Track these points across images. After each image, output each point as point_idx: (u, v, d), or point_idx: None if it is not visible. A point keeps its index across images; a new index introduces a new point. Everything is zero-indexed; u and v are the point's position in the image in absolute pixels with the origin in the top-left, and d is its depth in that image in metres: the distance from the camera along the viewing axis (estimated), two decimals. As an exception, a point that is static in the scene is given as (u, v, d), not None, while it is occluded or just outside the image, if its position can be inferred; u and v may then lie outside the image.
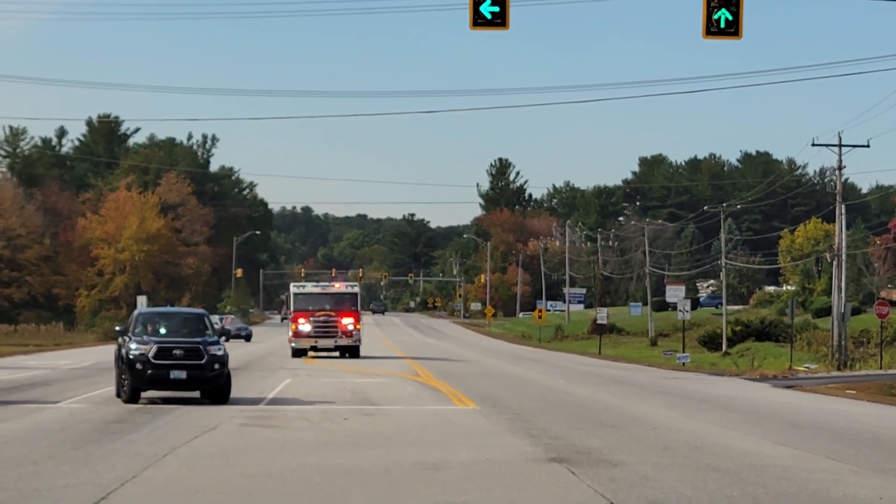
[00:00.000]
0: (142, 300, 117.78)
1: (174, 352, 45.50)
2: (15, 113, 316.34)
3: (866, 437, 38.36)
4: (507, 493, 24.42)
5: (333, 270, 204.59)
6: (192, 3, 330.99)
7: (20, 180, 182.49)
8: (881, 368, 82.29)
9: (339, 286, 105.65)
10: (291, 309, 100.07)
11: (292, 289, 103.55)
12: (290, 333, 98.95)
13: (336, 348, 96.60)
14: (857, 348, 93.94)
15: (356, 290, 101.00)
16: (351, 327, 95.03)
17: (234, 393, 48.68)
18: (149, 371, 45.16)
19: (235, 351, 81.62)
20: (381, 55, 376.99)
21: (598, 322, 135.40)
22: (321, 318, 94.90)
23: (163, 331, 47.94)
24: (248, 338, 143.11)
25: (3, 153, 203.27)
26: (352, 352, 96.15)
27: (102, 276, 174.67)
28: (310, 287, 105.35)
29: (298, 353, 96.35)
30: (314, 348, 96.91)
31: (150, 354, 45.21)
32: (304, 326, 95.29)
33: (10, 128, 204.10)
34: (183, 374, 45.22)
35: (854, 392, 61.86)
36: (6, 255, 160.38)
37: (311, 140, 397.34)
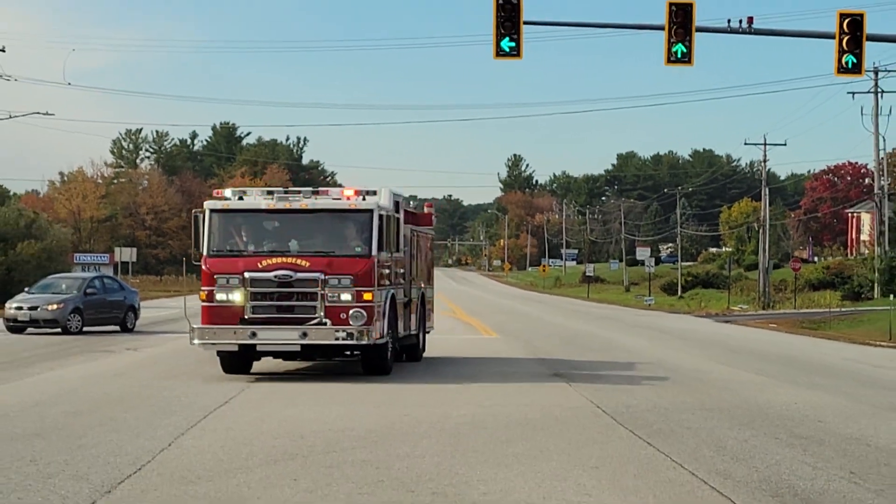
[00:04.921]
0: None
1: None
2: (161, 121, 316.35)
3: (784, 358, 38.25)
4: (522, 398, 24.38)
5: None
6: (278, 43, 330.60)
7: (164, 170, 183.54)
8: (795, 308, 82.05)
9: (322, 197, 28.24)
10: (204, 252, 27.79)
11: (210, 206, 27.96)
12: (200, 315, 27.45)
13: (305, 349, 27.17)
14: (777, 293, 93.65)
15: (373, 206, 27.37)
16: (349, 299, 26.50)
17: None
18: None
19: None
20: (429, 79, 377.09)
21: (587, 274, 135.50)
22: (272, 279, 26.70)
23: None
24: None
25: (151, 150, 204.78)
26: (367, 358, 28.09)
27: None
28: (253, 199, 28.51)
29: (228, 363, 28.18)
30: (250, 350, 27.34)
31: None
32: (230, 295, 27.04)
33: (157, 132, 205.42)
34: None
35: (775, 325, 61.70)
36: (154, 225, 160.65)
37: (378, 139, 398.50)
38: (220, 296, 26.99)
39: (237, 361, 28.14)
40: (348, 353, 27.85)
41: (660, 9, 34.67)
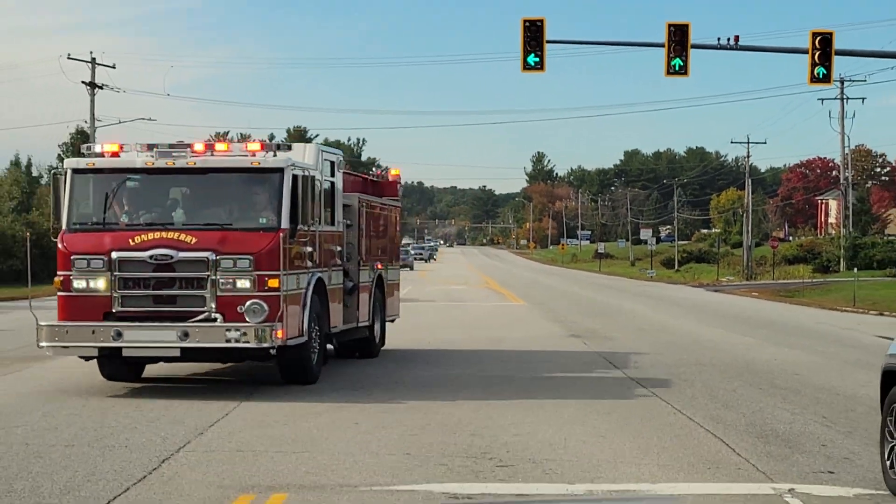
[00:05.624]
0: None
1: None
2: (244, 125, 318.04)
3: (765, 322, 37.99)
4: (546, 355, 24.32)
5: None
6: (342, 59, 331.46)
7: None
8: (773, 279, 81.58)
9: (219, 153, 18.47)
10: (63, 225, 18.02)
11: (71, 165, 18.30)
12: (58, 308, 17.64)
13: (187, 353, 17.28)
14: (758, 267, 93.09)
15: (283, 164, 17.78)
16: (247, 287, 17.12)
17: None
18: None
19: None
20: (468, 89, 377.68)
21: (598, 251, 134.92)
22: (146, 260, 17.27)
23: None
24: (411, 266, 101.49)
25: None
26: (283, 363, 18.19)
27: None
28: (130, 156, 18.43)
29: (107, 367, 18.63)
30: (112, 356, 17.79)
31: None
32: (92, 282, 17.38)
33: (241, 134, 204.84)
34: None
35: (756, 294, 61.31)
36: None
37: (425, 139, 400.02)
38: (78, 283, 17.29)
39: (119, 364, 18.52)
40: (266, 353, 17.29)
41: (660, 28, 34.45)
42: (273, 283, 17.01)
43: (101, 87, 67.11)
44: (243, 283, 16.98)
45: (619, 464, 12.36)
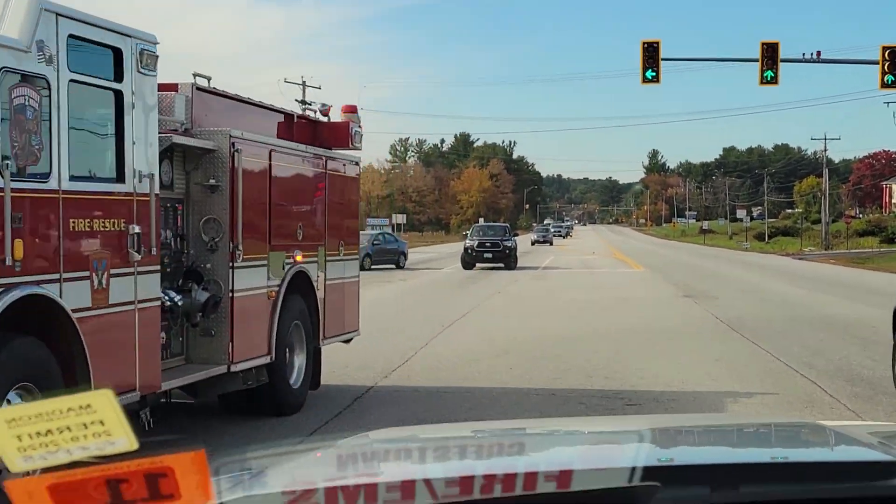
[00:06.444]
0: (480, 220, 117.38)
1: (486, 244, 45.05)
2: (421, 132, 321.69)
3: (841, 284, 36.36)
4: (663, 311, 23.52)
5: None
6: (494, 79, 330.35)
7: (423, 164, 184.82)
8: (847, 249, 78.75)
9: None
10: None
11: None
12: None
13: None
14: (834, 239, 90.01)
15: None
16: None
17: (522, 264, 48.04)
18: (473, 253, 44.76)
19: (529, 245, 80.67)
20: (599, 99, 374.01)
21: (703, 228, 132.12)
22: None
23: (487, 233, 47.58)
24: (551, 242, 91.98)
25: (415, 151, 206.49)
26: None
27: (462, 209, 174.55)
28: None
29: None
30: None
31: (475, 245, 44.90)
32: None
33: (419, 139, 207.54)
34: (490, 255, 44.73)
35: (833, 261, 59.04)
36: (417, 199, 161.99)
37: (562, 140, 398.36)
38: None
39: None
40: None
41: (754, 45, 33.16)
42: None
43: (310, 104, 67.97)
44: None
45: (729, 402, 11.68)
